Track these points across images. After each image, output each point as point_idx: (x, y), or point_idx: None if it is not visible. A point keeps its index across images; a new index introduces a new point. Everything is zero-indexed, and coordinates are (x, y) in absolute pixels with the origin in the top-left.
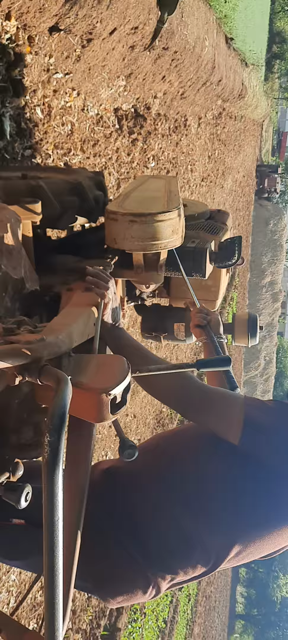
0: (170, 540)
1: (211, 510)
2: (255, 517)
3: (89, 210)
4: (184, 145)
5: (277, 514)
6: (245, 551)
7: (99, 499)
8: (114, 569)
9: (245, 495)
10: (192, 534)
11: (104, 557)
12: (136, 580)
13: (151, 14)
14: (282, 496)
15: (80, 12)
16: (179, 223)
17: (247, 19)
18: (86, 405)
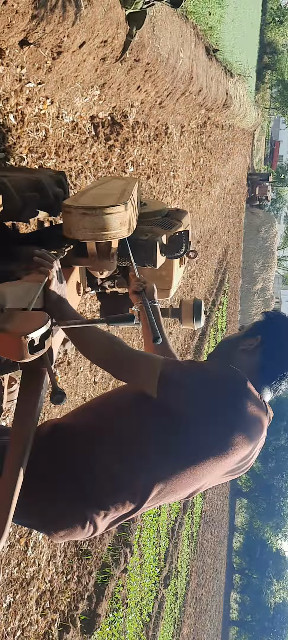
0: (102, 480)
1: (135, 454)
2: (171, 458)
3: (49, 205)
4: (166, 153)
5: (188, 455)
6: (166, 489)
7: (44, 449)
8: (55, 506)
9: (162, 440)
10: (120, 474)
11: (46, 497)
12: (74, 516)
13: (119, 29)
14: (192, 439)
15: (47, 27)
16: (127, 216)
17: (234, 31)
18: (10, 346)
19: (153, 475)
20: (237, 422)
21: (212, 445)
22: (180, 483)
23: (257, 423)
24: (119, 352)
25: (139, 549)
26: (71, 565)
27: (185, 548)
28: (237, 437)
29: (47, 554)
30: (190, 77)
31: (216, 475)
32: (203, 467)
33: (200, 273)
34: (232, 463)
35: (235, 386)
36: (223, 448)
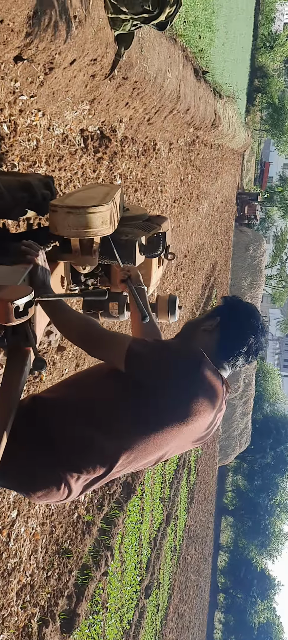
0: (75, 444)
1: (105, 422)
2: (136, 426)
3: (38, 205)
4: (154, 168)
5: (151, 422)
6: (132, 454)
7: (24, 416)
8: (32, 468)
9: (128, 409)
10: (91, 440)
11: (24, 460)
12: (50, 477)
13: (108, 48)
14: (155, 407)
15: (40, 45)
16: (108, 216)
17: (225, 54)
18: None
19: (120, 442)
20: (195, 390)
21: (172, 412)
22: (146, 448)
23: (213, 391)
24: (93, 332)
25: (120, 555)
26: (52, 562)
27: (168, 561)
28: (196, 404)
29: (28, 547)
30: (178, 96)
31: (180, 440)
32: (166, 433)
33: (187, 287)
34: (193, 429)
35: (192, 359)
36: (184, 414)
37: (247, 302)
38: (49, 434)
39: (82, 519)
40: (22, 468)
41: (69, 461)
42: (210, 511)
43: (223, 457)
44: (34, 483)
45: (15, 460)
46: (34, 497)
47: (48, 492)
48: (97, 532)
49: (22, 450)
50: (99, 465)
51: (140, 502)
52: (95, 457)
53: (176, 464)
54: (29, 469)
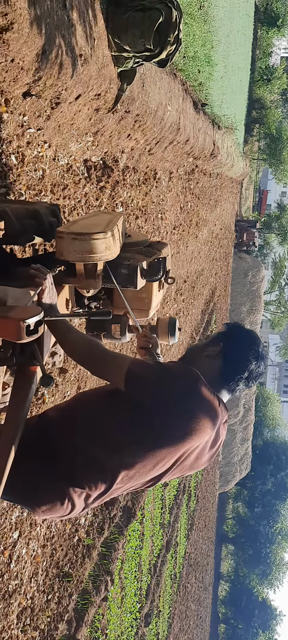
0: (77, 461)
1: (106, 440)
2: (136, 444)
3: (45, 232)
4: (154, 196)
5: (149, 441)
6: (133, 471)
7: (30, 434)
8: (38, 483)
9: (128, 428)
10: (93, 457)
11: (29, 476)
12: (54, 492)
13: (112, 84)
14: (154, 427)
15: (48, 81)
16: (111, 242)
17: (223, 87)
18: (11, 329)
19: (120, 458)
20: (193, 410)
21: (171, 431)
22: (145, 466)
23: (211, 412)
24: (96, 352)
25: (120, 580)
26: (52, 585)
27: (168, 588)
28: (194, 424)
29: (29, 570)
30: (178, 127)
31: (178, 461)
32: (164, 452)
33: (187, 312)
34: (188, 450)
35: (189, 380)
36: (181, 434)
37: (248, 329)
38: (54, 450)
39: (82, 542)
40: (28, 483)
41: (72, 477)
42: (210, 539)
43: (224, 483)
44: (38, 497)
45: (21, 474)
46: (39, 512)
47: (52, 506)
48: (97, 556)
49: (27, 465)
50: (100, 481)
51: (140, 526)
52: (96, 473)
53: (176, 489)
54: (34, 483)
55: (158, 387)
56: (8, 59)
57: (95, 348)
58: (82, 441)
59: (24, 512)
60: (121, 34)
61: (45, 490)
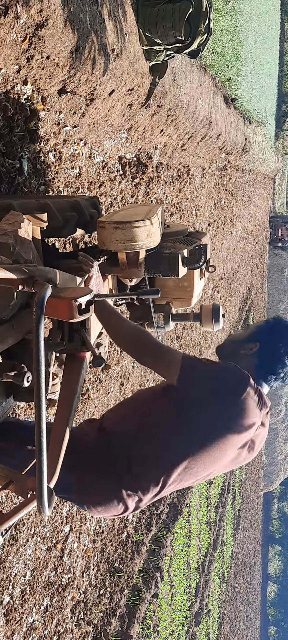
0: (133, 462)
1: (161, 438)
2: (190, 440)
3: (86, 224)
4: (188, 192)
5: (204, 437)
6: (186, 468)
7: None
8: (95, 485)
9: (182, 425)
10: (148, 457)
11: (87, 476)
12: (110, 492)
13: (144, 78)
14: (208, 421)
15: (82, 77)
16: (152, 230)
17: (252, 82)
18: (63, 308)
19: (174, 457)
20: (245, 406)
21: (223, 427)
22: (198, 463)
23: (257, 407)
24: (148, 343)
25: (169, 578)
26: (104, 580)
27: (217, 588)
28: (245, 419)
29: (81, 564)
30: (210, 122)
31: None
32: (218, 448)
33: (224, 309)
34: (242, 442)
35: (241, 378)
36: (235, 428)
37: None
38: (110, 451)
39: (131, 538)
40: (84, 483)
41: (127, 477)
42: (256, 539)
43: (268, 483)
44: (95, 497)
45: (78, 474)
46: (94, 511)
47: (107, 507)
48: (146, 552)
49: (85, 464)
50: (155, 481)
51: (186, 524)
52: (151, 472)
53: (221, 487)
54: (91, 484)
55: (212, 382)
56: (44, 56)
57: (148, 338)
58: (137, 442)
59: (74, 507)
60: (152, 27)
61: (101, 490)
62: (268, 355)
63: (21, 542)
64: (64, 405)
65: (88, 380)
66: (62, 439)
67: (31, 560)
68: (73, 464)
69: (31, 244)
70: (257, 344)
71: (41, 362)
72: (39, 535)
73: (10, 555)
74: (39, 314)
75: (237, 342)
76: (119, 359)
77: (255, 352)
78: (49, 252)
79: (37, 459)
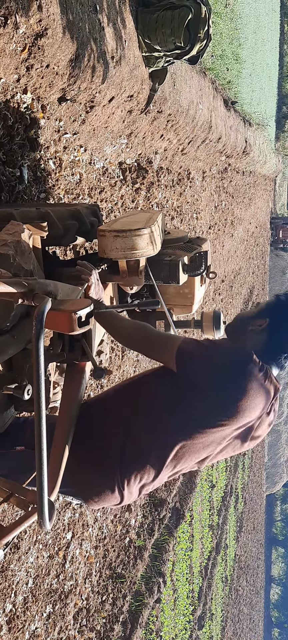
0: (126, 445)
1: (156, 421)
2: (188, 421)
3: (86, 232)
4: (189, 196)
5: (202, 417)
6: (183, 450)
7: (81, 422)
8: (87, 473)
9: (180, 406)
10: (143, 442)
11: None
12: (104, 480)
13: (144, 84)
14: (207, 404)
15: (82, 85)
16: (152, 238)
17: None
18: (63, 321)
19: (171, 437)
20: (245, 388)
21: (223, 409)
22: (195, 444)
23: (263, 390)
24: (148, 334)
25: (172, 583)
26: (106, 586)
27: (220, 591)
28: (246, 402)
29: (83, 570)
30: (210, 126)
31: (228, 439)
32: (214, 431)
33: (226, 311)
34: (241, 427)
35: (242, 358)
36: (233, 411)
37: None
38: (102, 437)
39: (133, 544)
40: (78, 472)
41: (121, 462)
42: (260, 541)
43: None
44: (90, 487)
45: (71, 464)
46: (92, 503)
47: (104, 496)
48: (149, 557)
49: (78, 455)
50: (150, 464)
51: (189, 528)
52: (146, 455)
53: (223, 490)
54: (84, 473)
55: (210, 364)
56: (43, 65)
57: (148, 330)
58: (132, 423)
59: (76, 513)
60: (151, 33)
61: (95, 479)
62: (279, 332)
63: (23, 550)
64: (64, 415)
65: (90, 386)
66: (63, 451)
67: (33, 568)
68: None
69: (31, 253)
70: (266, 319)
71: (41, 376)
72: (41, 542)
73: (12, 564)
74: (39, 328)
75: (246, 319)
76: (120, 364)
77: (264, 328)
78: (49, 260)
79: (37, 472)
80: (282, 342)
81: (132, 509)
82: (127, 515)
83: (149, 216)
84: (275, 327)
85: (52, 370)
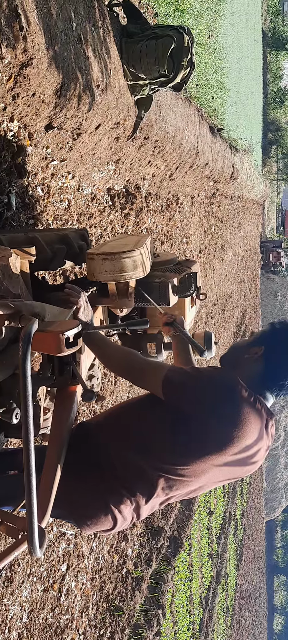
0: (119, 472)
1: (146, 447)
2: (176, 452)
3: (75, 256)
4: (178, 221)
5: (189, 448)
6: (173, 480)
7: (71, 445)
8: (81, 495)
9: (168, 434)
10: (134, 467)
11: (73, 489)
12: (97, 504)
13: (130, 112)
14: (192, 434)
15: (68, 113)
16: (141, 260)
17: (237, 112)
18: (50, 342)
19: (160, 467)
20: (233, 417)
21: (211, 440)
22: (185, 475)
23: (253, 418)
24: (135, 362)
25: (172, 615)
26: (103, 619)
27: (221, 622)
28: (233, 432)
29: (79, 604)
30: (196, 151)
31: (220, 469)
32: (205, 461)
33: (219, 335)
34: (232, 456)
35: (228, 386)
36: (221, 442)
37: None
38: (95, 462)
39: (131, 574)
40: (72, 495)
41: (113, 487)
42: (261, 569)
43: (270, 510)
44: (83, 510)
45: (65, 488)
46: (85, 527)
47: (97, 520)
48: (147, 588)
49: (71, 477)
50: (139, 491)
51: (188, 557)
52: (136, 483)
53: (222, 517)
54: (78, 496)
55: (196, 393)
56: (29, 93)
57: (134, 358)
58: (122, 451)
59: (70, 544)
60: (136, 62)
61: (88, 503)
62: (275, 359)
63: (17, 583)
64: (55, 440)
65: (82, 413)
66: (54, 476)
67: (28, 602)
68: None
69: (19, 277)
70: (261, 347)
71: (28, 398)
72: (35, 575)
73: (5, 598)
74: (25, 349)
75: (241, 348)
76: (113, 390)
77: (260, 355)
78: (38, 285)
79: (26, 499)
80: (278, 369)
81: (129, 538)
82: (123, 545)
83: (138, 239)
84: (270, 354)
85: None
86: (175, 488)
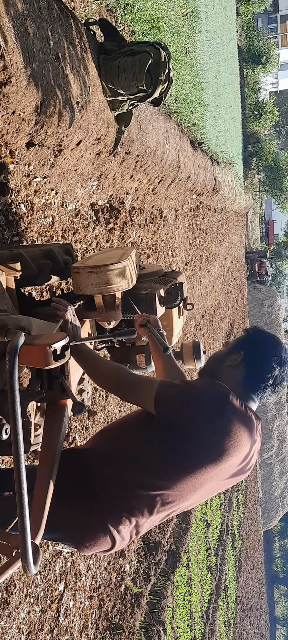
0: (114, 492)
1: (142, 465)
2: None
3: (60, 270)
4: (163, 234)
5: (186, 462)
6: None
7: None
8: (78, 518)
9: (164, 451)
10: (129, 484)
11: (71, 512)
12: (95, 525)
13: (110, 127)
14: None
15: (49, 130)
16: (127, 272)
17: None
18: (38, 355)
19: (157, 484)
20: (226, 427)
21: (206, 451)
22: (183, 489)
23: (244, 425)
24: (124, 378)
25: (173, 630)
26: (103, 638)
27: (223, 636)
28: (229, 440)
29: (78, 623)
30: (178, 165)
31: (218, 479)
32: (202, 473)
33: (208, 346)
34: (229, 466)
35: (220, 396)
36: (217, 454)
37: (269, 333)
38: (89, 484)
39: (130, 591)
40: (70, 518)
41: (110, 508)
42: (260, 580)
43: (267, 520)
44: (80, 532)
45: (62, 512)
46: (83, 548)
47: (95, 541)
48: (147, 605)
49: (68, 500)
50: (138, 509)
51: (187, 571)
52: (134, 500)
53: (219, 529)
54: (77, 518)
55: (189, 407)
56: (9, 112)
57: (124, 372)
58: (117, 470)
59: (67, 562)
60: (114, 79)
61: (86, 525)
62: (255, 362)
63: (13, 605)
64: (46, 455)
65: (74, 429)
66: (46, 492)
67: (25, 624)
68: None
69: (5, 293)
70: (241, 353)
71: (17, 412)
72: (32, 596)
73: (2, 620)
74: (12, 362)
75: (221, 357)
76: (104, 405)
77: (240, 361)
78: (25, 301)
79: (18, 515)
80: (260, 371)
81: (126, 554)
82: (121, 561)
83: (123, 252)
84: (250, 359)
85: (33, 412)
86: (175, 503)
